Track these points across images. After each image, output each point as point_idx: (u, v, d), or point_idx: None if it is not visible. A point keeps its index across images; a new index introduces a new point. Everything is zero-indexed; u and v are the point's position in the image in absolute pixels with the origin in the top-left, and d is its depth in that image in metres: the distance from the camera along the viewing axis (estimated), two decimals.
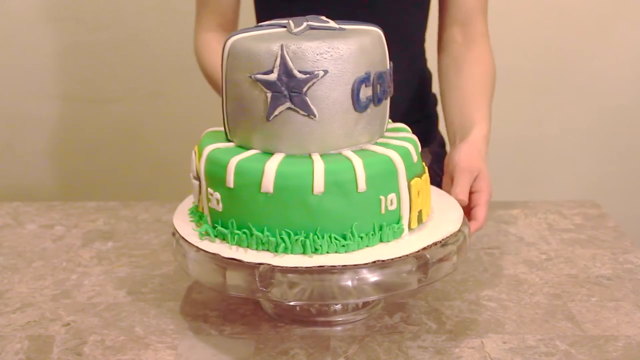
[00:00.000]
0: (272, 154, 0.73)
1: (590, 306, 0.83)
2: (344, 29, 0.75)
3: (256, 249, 0.71)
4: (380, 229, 0.72)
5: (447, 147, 1.24)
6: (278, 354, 0.75)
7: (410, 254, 0.71)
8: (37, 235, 1.02)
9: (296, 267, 0.69)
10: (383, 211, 0.72)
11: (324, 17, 0.77)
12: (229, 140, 0.77)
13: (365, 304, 0.81)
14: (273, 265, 0.69)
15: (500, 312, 0.82)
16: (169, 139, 1.83)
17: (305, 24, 0.74)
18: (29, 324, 0.80)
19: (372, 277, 0.70)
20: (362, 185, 0.70)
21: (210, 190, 0.73)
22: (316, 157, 0.72)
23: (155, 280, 0.90)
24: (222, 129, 0.79)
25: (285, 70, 0.70)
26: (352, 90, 0.72)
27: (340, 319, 0.80)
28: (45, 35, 1.75)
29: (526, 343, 0.76)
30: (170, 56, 1.74)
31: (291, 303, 0.73)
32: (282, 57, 0.70)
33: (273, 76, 0.70)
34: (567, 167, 1.88)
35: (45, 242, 1.00)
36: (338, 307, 0.80)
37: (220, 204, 0.73)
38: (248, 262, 0.70)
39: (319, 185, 0.69)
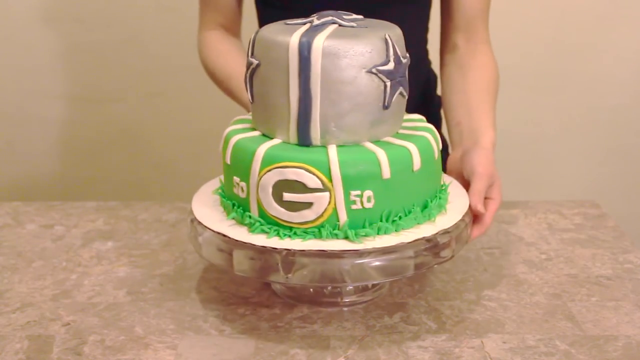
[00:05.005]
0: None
1: (590, 306, 0.83)
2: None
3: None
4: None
5: (450, 149, 1.24)
6: (278, 354, 0.75)
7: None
8: (37, 235, 1.02)
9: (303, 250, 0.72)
10: None
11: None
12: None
13: (371, 286, 0.84)
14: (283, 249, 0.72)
15: (500, 312, 0.82)
16: (169, 139, 1.83)
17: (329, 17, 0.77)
18: (28, 323, 0.80)
19: (374, 262, 0.72)
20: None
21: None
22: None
23: (155, 280, 0.90)
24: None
25: (397, 58, 0.75)
26: None
27: (347, 300, 0.83)
28: (45, 35, 1.75)
29: (526, 343, 0.76)
30: (170, 56, 1.74)
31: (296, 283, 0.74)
32: (393, 47, 0.74)
33: (391, 65, 0.74)
34: (567, 167, 1.88)
35: (45, 242, 1.00)
36: (350, 287, 0.83)
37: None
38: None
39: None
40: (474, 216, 0.84)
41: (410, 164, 0.74)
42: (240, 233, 0.74)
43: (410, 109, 0.87)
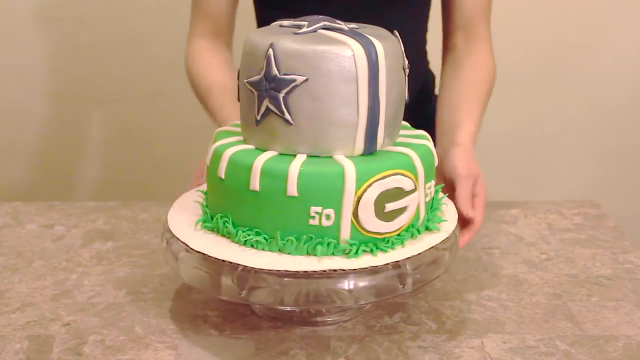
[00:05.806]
0: None
1: (590, 306, 0.84)
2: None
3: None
4: None
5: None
6: (278, 354, 0.75)
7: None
8: (37, 235, 1.02)
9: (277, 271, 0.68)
10: None
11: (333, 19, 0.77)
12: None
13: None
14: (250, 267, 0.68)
15: (500, 312, 0.82)
16: (169, 139, 1.83)
17: (322, 23, 0.74)
18: (29, 324, 0.80)
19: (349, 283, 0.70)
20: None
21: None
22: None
23: (155, 280, 0.90)
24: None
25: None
26: None
27: (330, 319, 0.80)
28: (45, 35, 1.75)
29: (526, 343, 0.76)
30: (170, 56, 1.74)
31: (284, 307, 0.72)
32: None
33: (406, 61, 0.77)
34: (567, 167, 1.88)
35: (45, 242, 1.00)
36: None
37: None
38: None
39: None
40: (462, 221, 0.84)
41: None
42: (341, 263, 0.69)
43: (408, 109, 0.87)
